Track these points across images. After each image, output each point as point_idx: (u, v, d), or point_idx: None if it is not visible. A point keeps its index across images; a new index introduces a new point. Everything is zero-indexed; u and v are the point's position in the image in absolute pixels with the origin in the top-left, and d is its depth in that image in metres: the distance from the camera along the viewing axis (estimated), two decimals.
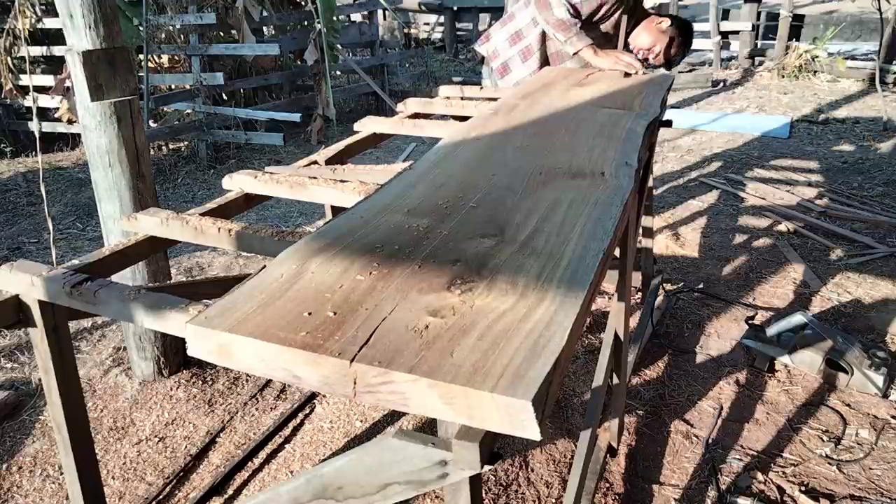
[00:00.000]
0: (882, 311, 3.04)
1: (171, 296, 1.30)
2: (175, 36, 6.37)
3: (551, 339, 0.83)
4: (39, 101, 6.21)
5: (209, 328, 0.89)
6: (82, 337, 3.10)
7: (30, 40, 5.92)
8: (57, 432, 1.60)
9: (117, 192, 2.48)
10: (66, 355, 1.53)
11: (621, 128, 1.82)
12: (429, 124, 2.38)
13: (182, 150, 6.49)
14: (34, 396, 2.70)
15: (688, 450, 2.28)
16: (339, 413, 2.53)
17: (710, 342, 2.90)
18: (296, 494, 1.11)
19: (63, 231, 4.64)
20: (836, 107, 6.99)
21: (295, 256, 1.08)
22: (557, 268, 1.02)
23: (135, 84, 2.44)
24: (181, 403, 2.62)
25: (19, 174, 5.88)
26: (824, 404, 2.47)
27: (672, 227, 4.12)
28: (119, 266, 1.60)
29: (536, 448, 2.27)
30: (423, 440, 0.94)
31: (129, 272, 2.52)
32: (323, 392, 1.80)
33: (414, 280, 0.99)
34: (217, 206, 1.78)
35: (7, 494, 2.21)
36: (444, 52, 11.97)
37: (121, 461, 2.34)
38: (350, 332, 0.86)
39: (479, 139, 1.77)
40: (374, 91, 7.76)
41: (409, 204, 1.31)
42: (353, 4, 8.68)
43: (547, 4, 2.72)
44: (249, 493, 2.18)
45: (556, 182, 1.41)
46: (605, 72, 2.72)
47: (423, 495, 2.07)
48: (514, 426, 0.75)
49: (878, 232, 3.90)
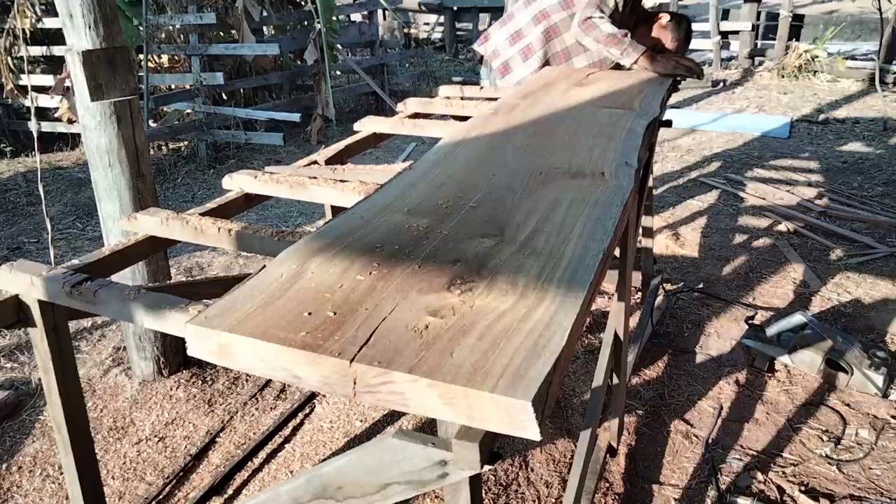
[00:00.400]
0: (882, 311, 3.04)
1: (171, 296, 1.30)
2: (175, 36, 6.37)
3: (551, 339, 0.83)
4: (39, 100, 6.21)
5: (209, 328, 0.89)
6: (82, 337, 3.10)
7: (30, 40, 5.92)
8: (57, 432, 1.60)
9: (117, 192, 2.48)
10: (66, 355, 1.53)
11: (621, 128, 1.82)
12: (429, 124, 2.38)
13: (182, 150, 6.49)
14: (34, 396, 2.70)
15: (688, 450, 2.28)
16: (339, 413, 2.53)
17: (710, 342, 2.90)
18: (296, 494, 1.11)
19: (63, 231, 4.64)
20: (835, 107, 6.99)
21: (295, 256, 1.08)
22: (557, 268, 1.02)
23: (135, 84, 2.44)
24: (181, 403, 2.62)
25: (19, 174, 5.88)
26: (824, 404, 2.47)
27: (672, 227, 4.12)
28: (119, 266, 1.61)
29: (536, 448, 2.27)
30: (423, 440, 0.93)
31: (129, 272, 2.52)
32: (323, 392, 1.80)
33: (414, 280, 0.99)
34: (217, 206, 1.78)
35: (7, 494, 2.21)
36: (444, 52, 11.98)
37: (121, 461, 2.34)
38: (350, 332, 0.86)
39: (479, 139, 1.77)
40: (374, 91, 7.76)
41: (409, 204, 1.31)
42: (353, 4, 8.69)
43: (592, 25, 2.67)
44: (249, 493, 2.18)
45: (557, 182, 1.41)
46: (605, 72, 2.72)
47: (423, 495, 2.07)
48: (514, 426, 0.75)
49: (878, 232, 3.90)
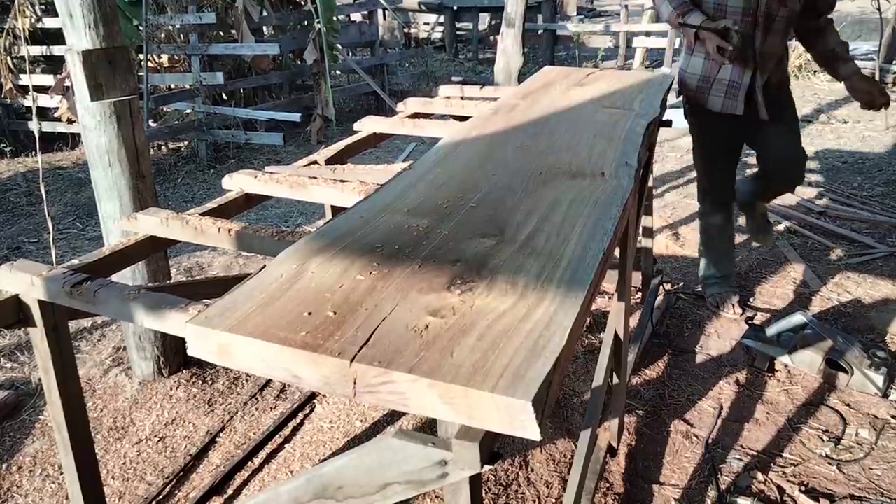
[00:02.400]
0: (882, 311, 3.04)
1: (171, 296, 1.30)
2: (175, 36, 6.37)
3: (551, 339, 0.83)
4: (39, 100, 6.21)
5: (209, 328, 0.89)
6: (82, 337, 3.10)
7: (30, 40, 5.92)
8: (57, 432, 1.60)
9: (117, 192, 2.48)
10: (66, 355, 1.53)
11: (621, 128, 1.82)
12: (429, 124, 2.38)
13: (182, 150, 6.49)
14: (34, 396, 2.70)
15: (688, 450, 2.28)
16: (339, 413, 2.53)
17: (710, 342, 2.90)
18: (296, 494, 1.11)
19: (63, 231, 4.64)
20: (836, 106, 6.99)
21: (295, 256, 1.08)
22: (557, 268, 1.02)
23: (134, 84, 2.44)
24: (181, 403, 2.62)
25: (19, 174, 5.87)
26: (824, 404, 2.47)
27: (672, 227, 4.12)
28: (119, 266, 1.61)
29: (536, 448, 2.27)
30: (423, 440, 0.93)
31: (129, 272, 2.52)
32: (323, 392, 1.80)
33: (414, 280, 0.99)
34: (217, 206, 1.78)
35: (7, 494, 2.21)
36: (444, 52, 11.97)
37: (121, 461, 2.34)
38: (350, 332, 0.86)
39: (479, 139, 1.77)
40: (374, 91, 7.76)
41: (410, 204, 1.31)
42: (353, 4, 8.68)
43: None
44: (249, 493, 2.18)
45: (557, 182, 1.41)
46: (605, 72, 2.72)
47: (423, 495, 2.07)
48: (514, 426, 0.75)
49: (878, 232, 3.90)
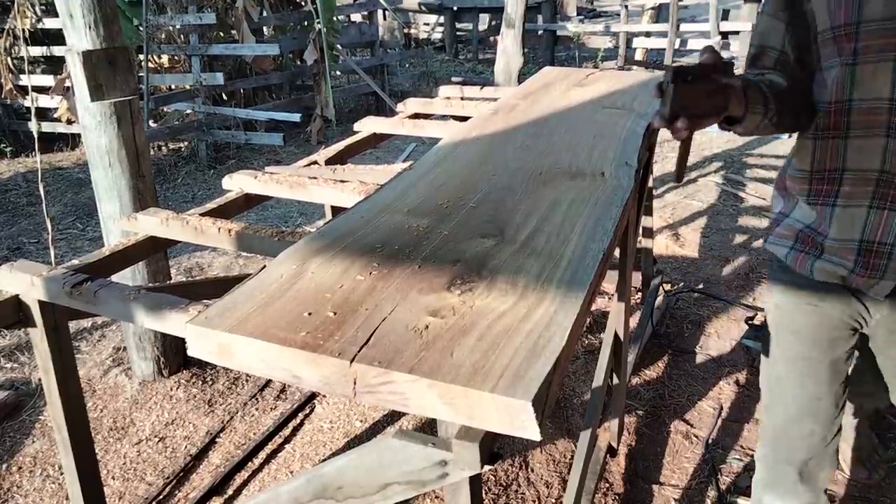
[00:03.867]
0: None
1: (171, 296, 1.30)
2: (175, 36, 6.37)
3: (551, 339, 0.83)
4: (39, 101, 6.21)
5: (209, 328, 0.89)
6: (82, 337, 3.10)
7: (30, 40, 5.92)
8: (57, 432, 1.60)
9: (117, 192, 2.48)
10: (66, 355, 1.53)
11: (621, 128, 1.82)
12: (429, 124, 2.38)
13: (182, 151, 6.49)
14: (34, 396, 2.70)
15: (688, 450, 2.28)
16: (339, 413, 2.53)
17: (710, 342, 2.90)
18: (296, 494, 1.11)
19: (63, 231, 4.64)
20: None
21: (295, 256, 1.08)
22: (557, 268, 1.02)
23: (135, 84, 2.44)
24: (181, 403, 2.62)
25: (19, 174, 5.87)
26: None
27: (672, 227, 4.12)
28: (119, 266, 1.61)
29: (536, 448, 2.27)
30: (423, 440, 0.93)
31: (129, 272, 2.52)
32: (323, 392, 1.80)
33: (414, 280, 0.99)
34: (217, 206, 1.78)
35: (7, 494, 2.21)
36: (444, 52, 11.97)
37: (121, 461, 2.34)
38: (350, 332, 0.86)
39: (479, 139, 1.77)
40: (374, 91, 7.76)
41: (410, 204, 1.31)
42: (353, 4, 8.69)
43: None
44: (249, 493, 2.18)
45: (556, 182, 1.41)
46: (605, 72, 2.72)
47: (423, 495, 2.07)
48: (514, 426, 0.75)
49: None
